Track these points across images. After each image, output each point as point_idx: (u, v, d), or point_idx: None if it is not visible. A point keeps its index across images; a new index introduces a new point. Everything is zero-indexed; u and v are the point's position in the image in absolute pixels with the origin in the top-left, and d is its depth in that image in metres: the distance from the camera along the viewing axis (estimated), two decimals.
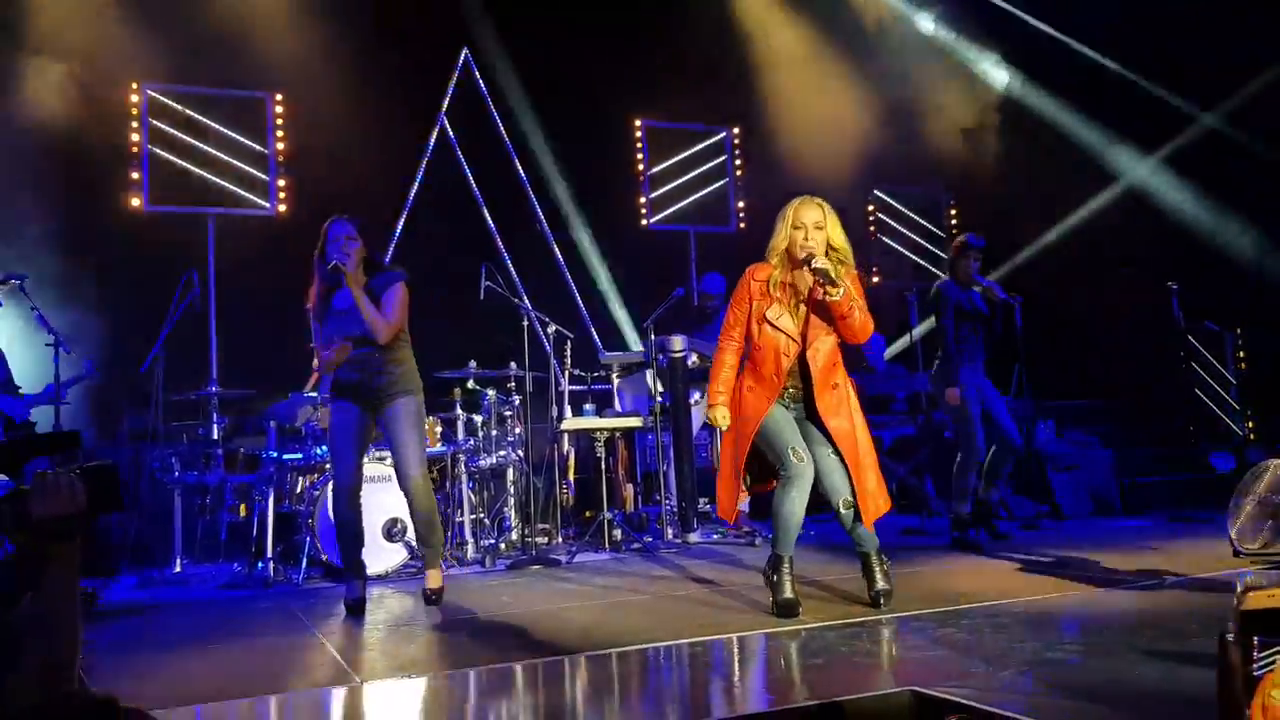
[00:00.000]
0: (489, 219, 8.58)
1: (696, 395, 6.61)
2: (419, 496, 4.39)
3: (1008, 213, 9.21)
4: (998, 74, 9.54)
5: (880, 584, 3.78)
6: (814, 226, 3.78)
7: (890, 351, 8.63)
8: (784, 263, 3.86)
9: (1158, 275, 7.22)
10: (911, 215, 10.28)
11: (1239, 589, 1.55)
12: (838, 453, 3.78)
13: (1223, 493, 6.61)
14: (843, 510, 3.77)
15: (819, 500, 3.87)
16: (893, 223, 10.23)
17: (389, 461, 5.48)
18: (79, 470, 1.65)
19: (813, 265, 3.69)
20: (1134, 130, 8.54)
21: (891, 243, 10.19)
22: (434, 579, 4.48)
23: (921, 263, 10.32)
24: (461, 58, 8.63)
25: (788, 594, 3.73)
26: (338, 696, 2.99)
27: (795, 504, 3.73)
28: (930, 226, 10.39)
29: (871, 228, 10.16)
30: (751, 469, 3.93)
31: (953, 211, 10.43)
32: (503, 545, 6.02)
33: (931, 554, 5.29)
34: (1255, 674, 1.37)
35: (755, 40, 9.41)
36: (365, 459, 4.62)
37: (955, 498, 5.53)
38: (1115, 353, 8.28)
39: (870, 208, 10.17)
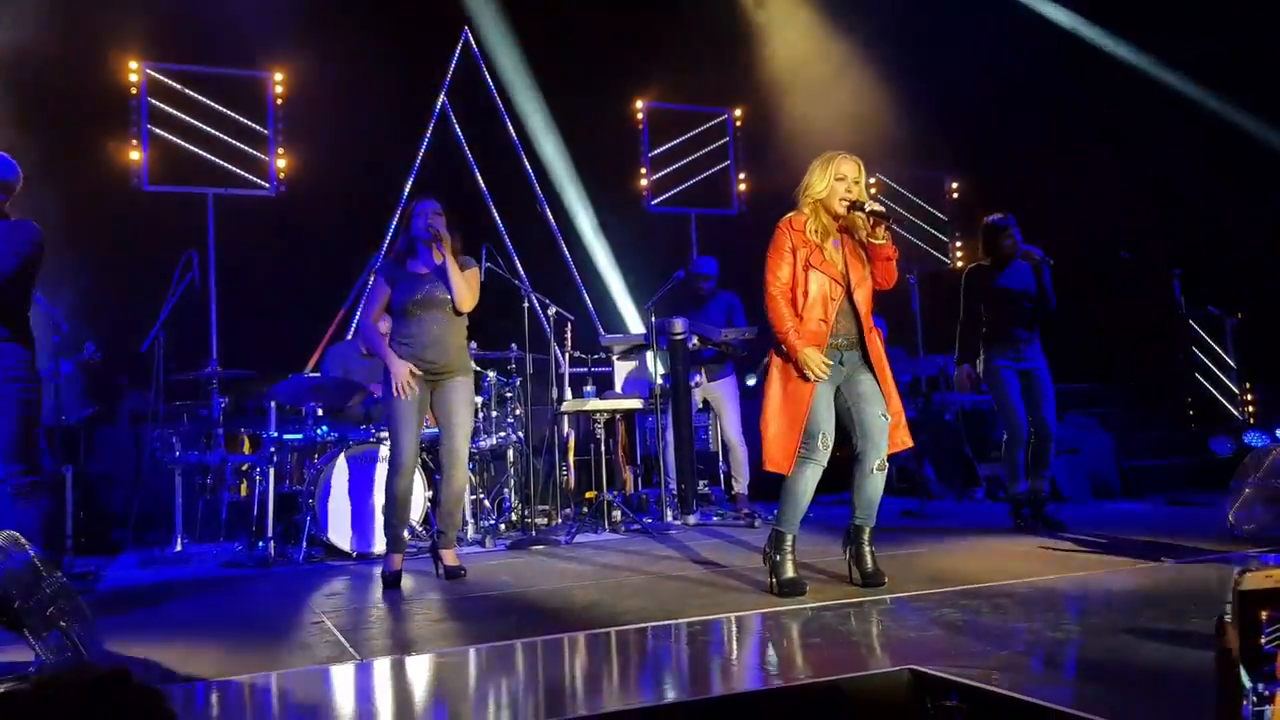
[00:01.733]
0: (489, 200, 8.56)
1: (697, 377, 6.61)
2: (459, 475, 4.56)
3: (1010, 194, 9.18)
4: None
5: (871, 564, 3.82)
6: (854, 181, 3.86)
7: (890, 335, 8.61)
8: (818, 212, 3.86)
9: (1160, 259, 7.21)
10: (912, 197, 10.25)
11: (1237, 572, 1.55)
12: (888, 416, 3.82)
13: (1222, 476, 6.63)
14: (876, 472, 3.81)
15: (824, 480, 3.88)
16: (894, 205, 10.20)
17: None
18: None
19: (867, 209, 3.78)
20: (1138, 112, 8.50)
21: (893, 226, 10.16)
22: (452, 557, 4.60)
23: (922, 245, 10.29)
24: (462, 38, 8.59)
25: (790, 573, 3.75)
26: (338, 674, 3.00)
27: (809, 483, 3.79)
28: (931, 209, 10.35)
29: None
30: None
31: (954, 194, 10.40)
32: (503, 526, 6.04)
33: (930, 536, 5.30)
34: (1265, 649, 1.37)
35: (756, 21, 9.36)
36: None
37: (1008, 479, 5.54)
38: (1116, 336, 8.28)
39: (873, 191, 10.14)
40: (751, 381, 7.55)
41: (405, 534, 4.64)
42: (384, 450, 5.41)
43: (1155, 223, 8.13)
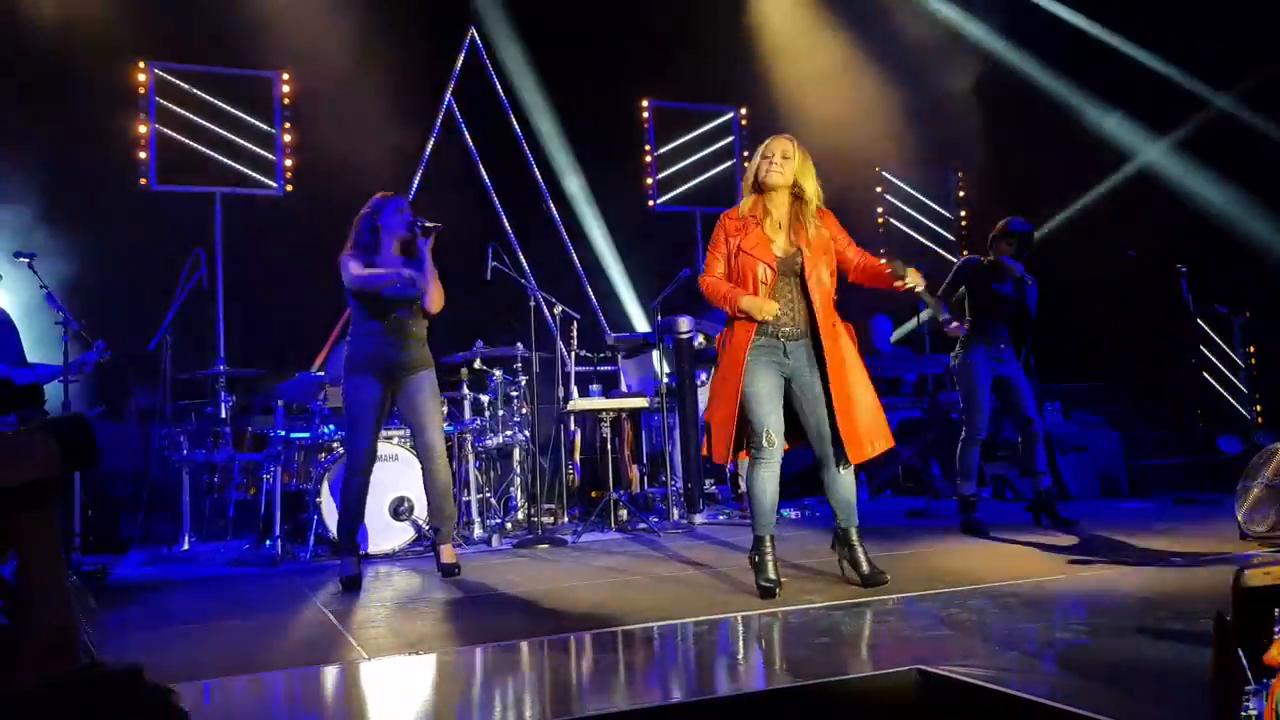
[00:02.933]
0: (495, 199, 8.56)
1: (703, 375, 6.61)
2: (441, 468, 4.48)
3: (1016, 193, 9.16)
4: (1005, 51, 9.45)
5: (868, 565, 3.77)
6: (781, 156, 3.79)
7: (897, 334, 8.61)
8: (753, 197, 3.83)
9: (1167, 258, 7.18)
10: (919, 197, 10.23)
11: (1238, 569, 1.55)
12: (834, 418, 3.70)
13: (1230, 475, 6.59)
14: (841, 472, 3.75)
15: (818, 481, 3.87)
16: (900, 204, 10.19)
17: (396, 441, 5.51)
18: (46, 424, 1.42)
19: (904, 281, 3.69)
20: (1145, 111, 8.47)
21: (899, 224, 10.14)
22: (449, 554, 4.57)
23: (929, 244, 10.27)
24: (468, 37, 8.59)
25: (770, 575, 3.71)
26: (345, 673, 3.01)
27: (766, 484, 3.72)
28: (938, 208, 10.33)
29: (879, 209, 10.11)
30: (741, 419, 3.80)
31: (960, 193, 10.38)
32: (509, 525, 6.04)
33: (937, 535, 5.29)
34: (1271, 640, 1.37)
35: (762, 20, 9.35)
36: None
37: (959, 477, 5.44)
38: (1124, 335, 8.25)
39: (878, 189, 10.12)
40: None
41: (371, 535, 4.65)
42: (391, 449, 5.42)
43: (1162, 221, 8.10)
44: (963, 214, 10.23)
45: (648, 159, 9.33)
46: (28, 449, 1.38)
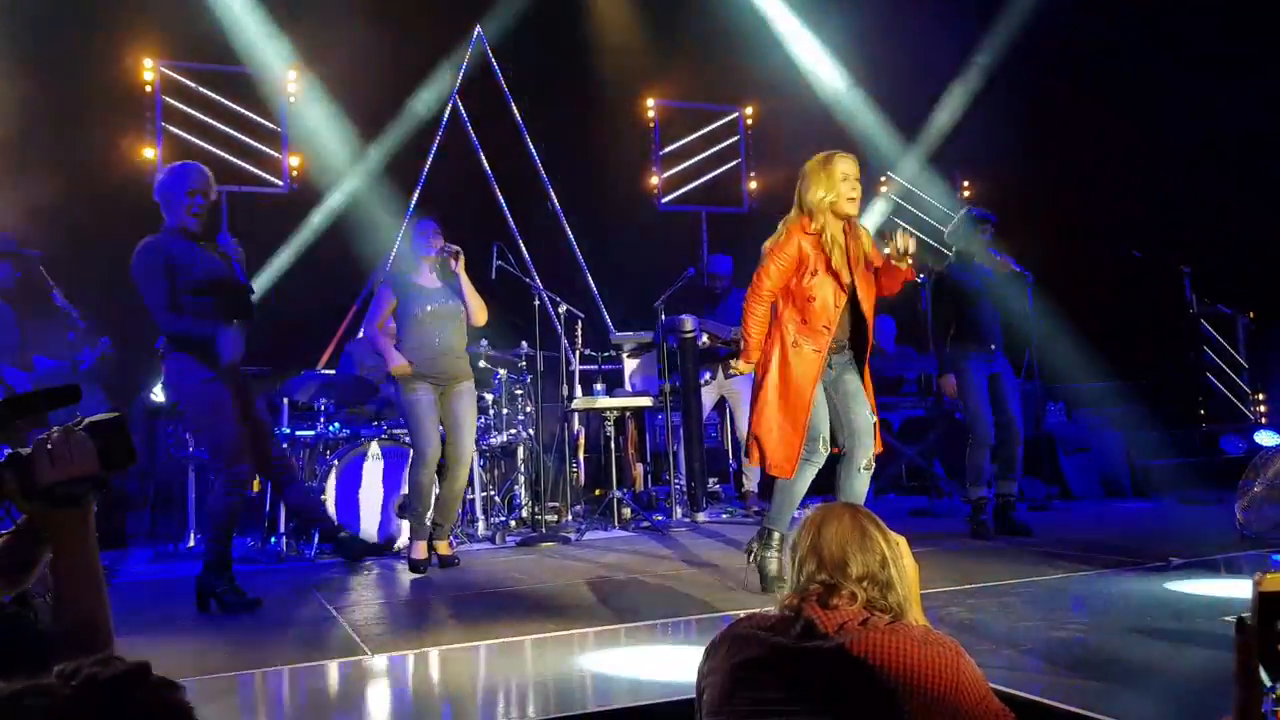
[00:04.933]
0: (501, 198, 8.58)
1: (707, 375, 6.63)
2: (464, 475, 4.91)
3: (1021, 192, 9.16)
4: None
5: None
6: (855, 179, 3.89)
7: (899, 334, 8.61)
8: (826, 216, 3.84)
9: (1170, 258, 7.18)
10: (924, 196, 10.22)
11: (1258, 572, 1.57)
12: (872, 413, 3.87)
13: (1233, 475, 6.59)
14: (863, 471, 3.82)
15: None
16: (905, 203, 10.18)
17: (407, 440, 5.54)
18: (86, 426, 1.43)
19: (901, 250, 3.72)
20: (1151, 107, 8.46)
21: (903, 225, 10.14)
22: (446, 548, 4.88)
23: (933, 244, 10.26)
24: (474, 36, 8.61)
25: (775, 569, 3.78)
26: (349, 668, 3.03)
27: (806, 483, 3.84)
28: (943, 207, 10.33)
29: (886, 210, 10.10)
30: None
31: (965, 192, 10.37)
32: (513, 523, 6.06)
33: (939, 534, 5.30)
34: None
35: (767, 18, 9.35)
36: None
37: (969, 482, 5.37)
38: (1126, 335, 8.25)
39: (883, 189, 10.13)
40: None
41: (427, 522, 4.82)
42: (400, 448, 5.45)
43: (1166, 221, 8.10)
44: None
45: (653, 158, 9.35)
46: (67, 446, 1.40)
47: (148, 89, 7.55)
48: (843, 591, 1.62)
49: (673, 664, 3.00)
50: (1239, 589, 3.43)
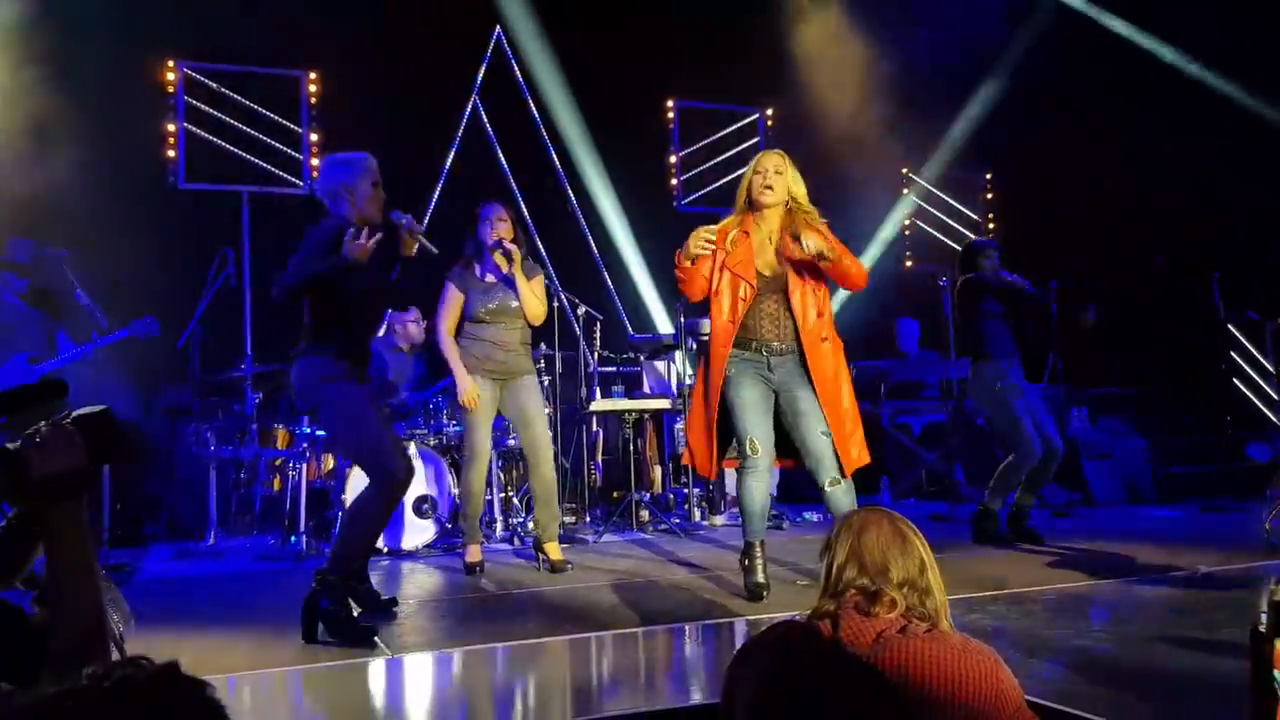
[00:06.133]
0: (520, 198, 8.58)
1: None
2: (548, 464, 4.69)
3: (1046, 196, 9.08)
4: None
5: None
6: (773, 171, 3.83)
7: (923, 338, 8.55)
8: (743, 212, 3.89)
9: (1199, 263, 7.09)
10: (947, 199, 10.16)
11: (1272, 581, 1.53)
12: (828, 432, 3.68)
13: (1259, 484, 6.51)
14: (828, 488, 3.70)
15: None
16: (927, 206, 10.12)
17: (418, 441, 5.55)
18: (72, 420, 1.45)
19: (805, 246, 3.66)
20: (1179, 111, 8.37)
21: (926, 227, 10.07)
22: (556, 551, 4.68)
23: (957, 247, 10.18)
24: (494, 36, 8.62)
25: (758, 577, 3.75)
26: (369, 669, 3.03)
27: (754, 493, 3.74)
28: (966, 210, 10.26)
29: (906, 212, 10.05)
30: (723, 429, 3.83)
31: (989, 195, 10.30)
32: (531, 524, 6.06)
33: (959, 540, 5.25)
34: None
35: (789, 19, 9.31)
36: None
37: (995, 492, 5.23)
38: (1152, 340, 8.16)
39: (905, 191, 10.07)
40: None
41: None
42: (415, 447, 5.45)
43: (1196, 225, 8.00)
44: (990, 216, 10.15)
45: (673, 159, 9.33)
46: (56, 440, 1.41)
47: (170, 90, 7.60)
48: (884, 598, 1.60)
49: (691, 668, 2.98)
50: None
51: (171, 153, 7.56)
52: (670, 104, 9.36)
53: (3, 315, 5.53)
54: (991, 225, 10.03)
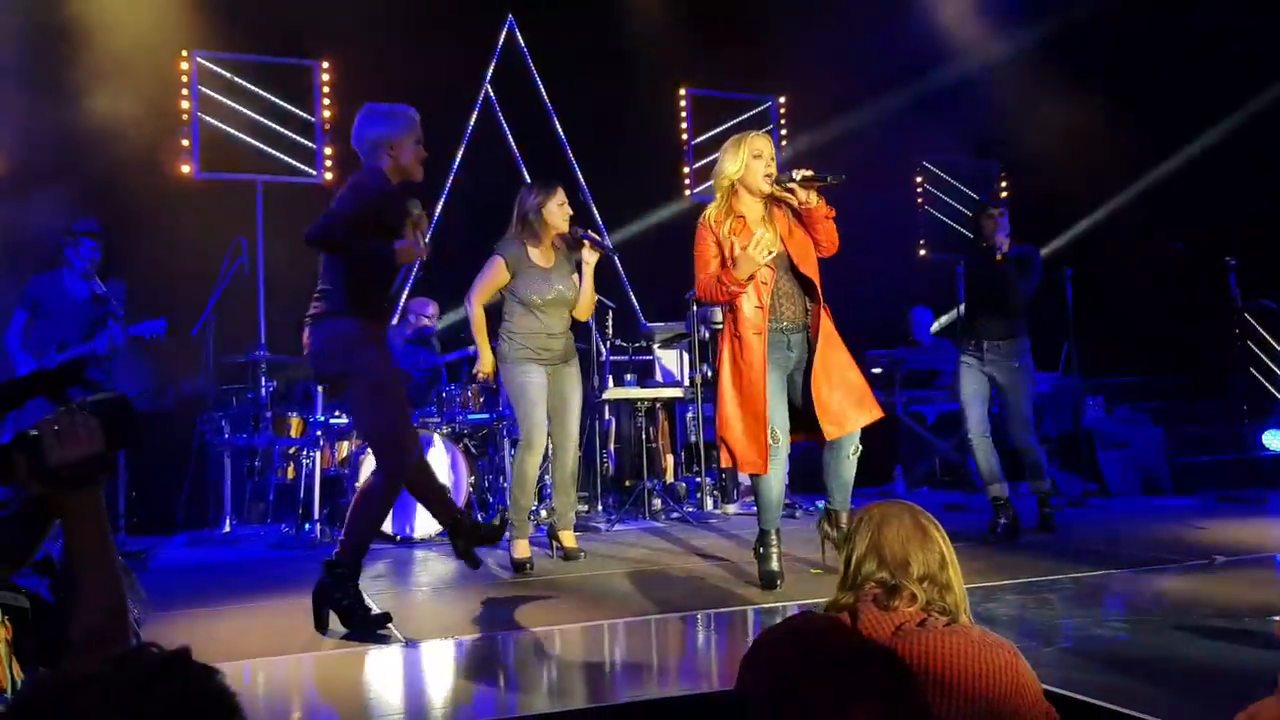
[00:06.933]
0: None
1: None
2: (573, 454, 4.68)
3: (1061, 184, 9.01)
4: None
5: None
6: (770, 158, 3.79)
7: (937, 325, 8.51)
8: (736, 196, 3.82)
9: (1215, 251, 7.03)
10: (960, 187, 10.10)
11: None
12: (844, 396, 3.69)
13: (1276, 473, 6.46)
14: (850, 457, 3.73)
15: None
16: (941, 194, 10.06)
17: (431, 429, 5.55)
18: (90, 405, 1.45)
19: (799, 177, 3.67)
20: (1194, 96, 8.29)
21: (940, 215, 10.02)
22: (570, 539, 4.67)
23: (970, 235, 10.12)
24: (505, 24, 8.60)
25: (772, 565, 3.74)
26: (382, 656, 3.04)
27: (772, 480, 3.73)
28: (979, 197, 10.20)
29: (920, 199, 10.00)
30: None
31: (1003, 183, 10.23)
32: (544, 512, 6.07)
33: (973, 529, 5.23)
34: None
35: (801, 5, 9.25)
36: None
37: (1037, 472, 5.19)
38: (1168, 328, 8.10)
39: (919, 179, 10.01)
40: None
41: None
42: (432, 435, 5.46)
43: (1212, 213, 7.93)
44: (1003, 198, 10.09)
45: (685, 147, 9.30)
46: (74, 426, 1.41)
47: (184, 79, 7.62)
48: (903, 592, 1.59)
49: (704, 657, 2.98)
50: None
51: (185, 142, 7.57)
52: (683, 91, 9.32)
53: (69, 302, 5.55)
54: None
